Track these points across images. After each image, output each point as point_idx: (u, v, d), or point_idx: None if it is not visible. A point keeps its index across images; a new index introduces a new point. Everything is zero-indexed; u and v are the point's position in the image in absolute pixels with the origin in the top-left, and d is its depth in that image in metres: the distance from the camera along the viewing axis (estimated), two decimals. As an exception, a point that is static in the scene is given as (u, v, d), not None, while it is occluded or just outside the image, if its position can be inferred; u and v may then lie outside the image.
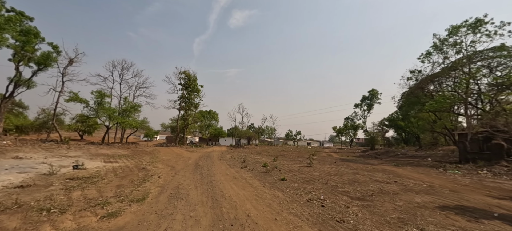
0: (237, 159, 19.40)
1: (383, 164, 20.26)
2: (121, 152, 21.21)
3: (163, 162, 15.81)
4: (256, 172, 12.11)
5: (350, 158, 27.53)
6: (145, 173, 10.99)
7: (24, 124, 32.90)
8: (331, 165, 17.30)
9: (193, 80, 39.62)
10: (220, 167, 13.88)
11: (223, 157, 21.81)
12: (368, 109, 53.23)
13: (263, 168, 13.75)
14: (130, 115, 30.11)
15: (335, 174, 12.74)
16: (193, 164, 15.38)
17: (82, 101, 26.44)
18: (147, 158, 17.52)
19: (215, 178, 10.15)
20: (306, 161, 19.99)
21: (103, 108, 27.31)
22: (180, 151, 26.92)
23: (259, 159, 20.23)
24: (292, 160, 20.62)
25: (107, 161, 14.59)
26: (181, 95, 39.37)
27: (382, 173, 13.70)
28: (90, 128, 39.04)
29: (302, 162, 19.12)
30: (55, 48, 25.37)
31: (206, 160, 18.35)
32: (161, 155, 21.05)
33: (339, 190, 8.73)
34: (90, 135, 50.76)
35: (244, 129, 58.63)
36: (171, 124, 52.25)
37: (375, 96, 50.99)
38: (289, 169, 14.20)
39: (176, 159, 18.19)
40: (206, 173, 11.52)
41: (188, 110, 40.13)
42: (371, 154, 39.39)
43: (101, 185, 8.04)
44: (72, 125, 39.06)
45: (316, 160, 21.68)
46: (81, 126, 40.20)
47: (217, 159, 19.47)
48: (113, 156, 17.72)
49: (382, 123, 60.23)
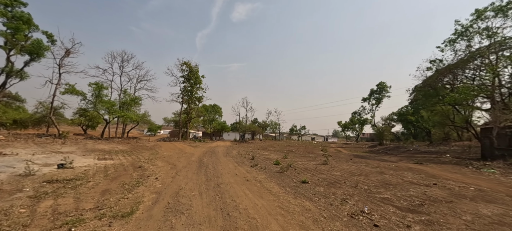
0: (244, 156, 17.75)
1: (401, 160, 18.47)
2: (120, 147, 19.70)
3: (164, 159, 14.21)
4: (270, 172, 10.41)
5: (363, 154, 25.76)
6: (140, 173, 9.36)
7: (22, 117, 31.60)
8: (348, 163, 15.56)
9: (194, 72, 37.82)
10: (227, 165, 12.22)
11: (228, 153, 20.19)
12: (376, 103, 51.08)
13: (276, 167, 12.06)
14: (130, 108, 28.49)
15: (359, 173, 11.02)
16: (197, 161, 13.76)
17: (78, 93, 24.86)
18: (146, 154, 15.96)
19: (223, 180, 8.47)
20: (319, 157, 18.28)
21: (101, 101, 25.74)
22: (182, 146, 25.37)
23: (267, 155, 18.57)
24: (303, 157, 18.93)
25: (101, 158, 13.03)
26: (183, 88, 37.69)
27: (411, 172, 11.97)
28: (93, 122, 37.76)
29: (315, 158, 17.40)
30: (50, 36, 23.72)
31: (210, 156, 16.73)
32: (162, 150, 19.50)
33: (377, 196, 7.02)
34: (93, 129, 49.71)
35: (248, 124, 56.98)
36: (174, 118, 50.79)
37: (384, 89, 48.75)
38: (304, 167, 12.49)
39: (178, 155, 16.61)
40: (212, 173, 9.85)
41: (191, 103, 38.46)
42: (380, 150, 37.55)
43: (82, 191, 6.41)
44: (75, 119, 37.74)
45: (330, 156, 19.97)
46: (84, 120, 38.91)
47: (223, 155, 17.85)
48: (110, 152, 16.18)
49: (390, 117, 58.18)
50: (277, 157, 17.19)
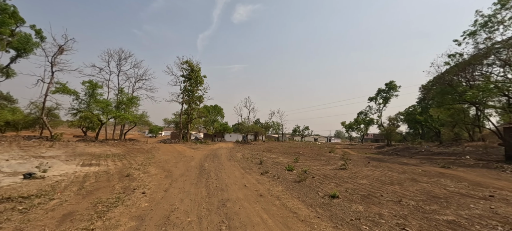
0: (250, 159, 15.84)
1: (423, 164, 16.44)
2: (113, 150, 17.85)
3: (159, 164, 12.33)
4: (285, 182, 8.49)
5: (376, 156, 23.74)
6: (126, 184, 7.49)
7: (15, 119, 29.87)
8: (368, 167, 13.61)
9: (196, 71, 35.94)
10: (233, 173, 10.31)
11: (232, 156, 18.29)
12: (384, 103, 48.98)
13: (291, 174, 10.15)
14: (127, 108, 26.60)
15: (389, 182, 9.10)
16: (197, 167, 11.87)
17: (71, 92, 23.03)
18: (140, 159, 14.09)
19: (230, 194, 6.57)
20: (333, 160, 16.33)
21: (96, 100, 23.92)
22: (182, 149, 23.49)
23: (275, 159, 16.65)
24: (315, 160, 16.99)
25: (86, 164, 11.18)
26: (183, 88, 35.79)
27: (448, 179, 10.09)
28: (93, 124, 35.92)
29: (329, 162, 15.45)
30: (38, 32, 21.99)
31: (213, 160, 14.83)
32: (159, 154, 17.64)
33: (438, 218, 5.14)
34: (94, 131, 47.71)
35: (251, 124, 55.07)
36: (174, 119, 48.96)
37: (393, 88, 46.66)
38: (322, 174, 10.57)
39: (176, 159, 14.73)
40: (215, 184, 7.96)
41: (192, 103, 36.56)
42: (389, 151, 35.52)
43: (35, 216, 4.54)
44: (75, 121, 35.98)
45: (341, 158, 17.98)
46: (84, 122, 37.08)
47: (226, 159, 15.95)
48: (99, 156, 14.33)
49: (396, 117, 56.03)
50: (287, 161, 15.29)
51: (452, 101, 27.27)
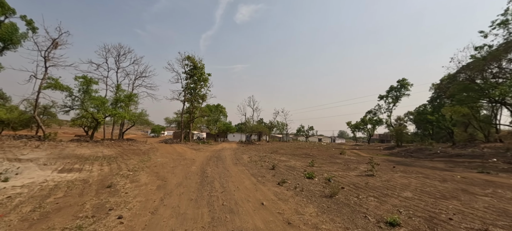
0: (259, 163, 13.85)
1: (454, 168, 14.24)
2: (105, 152, 16.01)
3: (154, 169, 10.41)
4: (313, 197, 6.45)
5: (397, 159, 21.54)
6: (102, 201, 5.55)
7: (10, 118, 28.29)
8: (397, 173, 11.55)
9: (199, 68, 34.01)
10: (243, 182, 8.33)
11: (238, 158, 16.32)
12: (394, 102, 46.59)
13: (314, 184, 8.14)
14: (126, 106, 24.74)
15: (440, 195, 7.08)
16: (198, 173, 9.92)
17: (63, 88, 21.25)
18: (133, 162, 12.19)
19: (244, 222, 4.55)
20: (352, 164, 14.27)
21: (91, 97, 22.14)
22: (183, 150, 21.59)
23: (287, 162, 14.64)
24: (331, 163, 14.93)
25: (66, 170, 9.31)
26: (185, 85, 33.91)
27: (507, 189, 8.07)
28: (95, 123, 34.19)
29: (348, 166, 13.39)
30: (29, 23, 20.28)
31: (216, 164, 12.88)
32: (157, 156, 15.74)
33: None
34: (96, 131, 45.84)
35: (254, 124, 53.14)
36: (176, 118, 47.15)
37: (405, 87, 44.25)
38: (350, 182, 8.56)
39: (174, 162, 12.81)
40: (221, 200, 5.97)
41: (194, 102, 34.66)
42: (401, 152, 33.24)
43: None
44: (77, 120, 34.37)
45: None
46: (86, 121, 35.32)
47: (232, 162, 13.97)
48: (88, 159, 12.47)
49: (406, 117, 53.56)
50: (302, 165, 13.27)
51: (476, 98, 25.02)
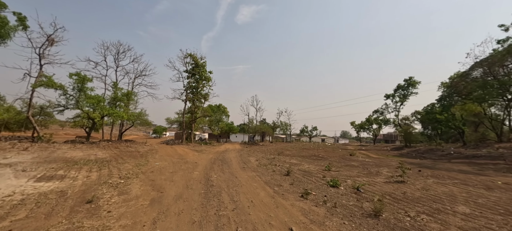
0: (269, 167, 12.30)
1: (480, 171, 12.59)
2: (100, 154, 14.54)
3: (150, 176, 8.91)
4: (354, 217, 4.87)
5: (416, 161, 19.88)
6: (76, 223, 4.03)
7: (5, 118, 26.97)
8: (429, 179, 9.95)
9: (201, 66, 32.54)
10: (257, 194, 6.78)
11: (245, 161, 14.77)
12: (401, 101, 44.86)
13: (343, 195, 6.58)
14: (124, 106, 23.24)
15: (503, 210, 5.48)
16: (201, 181, 8.40)
17: (56, 86, 19.87)
18: (128, 166, 10.70)
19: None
20: (372, 168, 12.68)
21: (87, 96, 20.70)
22: (184, 152, 20.09)
23: (300, 166, 13.08)
24: (348, 166, 13.35)
25: (45, 177, 7.83)
26: (187, 84, 32.45)
27: None
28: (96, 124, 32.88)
29: (369, 170, 11.81)
30: (21, 20, 18.98)
31: (222, 168, 11.35)
32: (156, 159, 14.24)
33: None
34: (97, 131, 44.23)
35: (258, 124, 51.59)
36: (177, 118, 45.73)
37: (413, 85, 42.53)
38: (385, 193, 6.99)
39: (174, 167, 11.30)
40: (234, 223, 4.43)
41: (196, 101, 33.18)
42: (411, 153, 31.54)
43: None
44: (78, 121, 33.09)
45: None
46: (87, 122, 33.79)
47: (239, 166, 12.43)
48: (77, 163, 10.99)
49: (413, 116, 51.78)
50: (317, 169, 11.72)
51: (497, 95, 23.32)
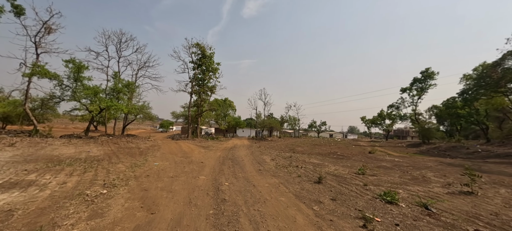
0: (290, 169, 10.18)
1: None
2: (94, 151, 12.73)
3: (143, 182, 6.94)
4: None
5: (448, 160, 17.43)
6: None
7: (6, 111, 25.73)
8: (500, 187, 7.64)
9: (208, 57, 30.39)
10: (294, 220, 4.67)
11: (259, 161, 12.70)
12: (418, 95, 41.75)
13: (412, 217, 4.43)
14: (122, 97, 21.33)
15: None
16: (209, 191, 6.36)
17: (50, 75, 18.07)
18: (120, 168, 8.79)
19: None
20: (414, 171, 10.41)
21: (84, 87, 18.89)
22: (189, 148, 18.18)
23: (325, 167, 10.93)
24: (379, 168, 11.12)
25: (6, 184, 5.95)
26: (192, 76, 30.43)
27: None
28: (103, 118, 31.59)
29: (411, 174, 9.55)
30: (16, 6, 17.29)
31: (233, 171, 9.32)
32: (156, 157, 12.33)
33: None
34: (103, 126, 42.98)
35: (266, 119, 49.40)
36: (183, 112, 44.01)
37: (431, 77, 39.32)
38: (462, 212, 4.76)
39: (176, 168, 9.32)
40: None
41: (203, 94, 31.19)
42: (432, 150, 28.87)
43: None
44: (86, 115, 31.79)
45: (407, 165, 11.89)
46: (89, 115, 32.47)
47: (254, 168, 10.34)
48: (61, 162, 9.15)
49: (430, 111, 48.61)
50: (347, 172, 9.56)
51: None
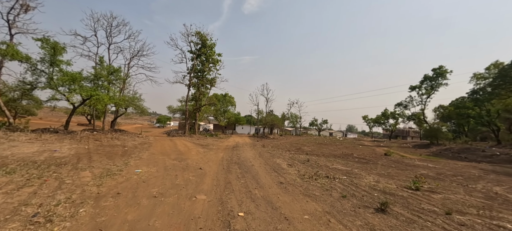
0: (319, 180, 7.56)
1: None
2: (64, 150, 9.98)
3: (104, 208, 4.27)
4: None
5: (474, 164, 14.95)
6: None
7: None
8: None
9: (209, 46, 27.55)
10: None
11: (274, 167, 10.06)
12: (428, 93, 39.47)
13: None
14: (107, 85, 18.15)
15: None
16: (213, 227, 3.71)
17: (21, 57, 14.92)
18: (84, 179, 6.10)
19: None
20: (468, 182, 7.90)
21: (63, 73, 15.81)
22: (186, 147, 15.46)
23: (354, 175, 8.37)
24: (431, 179, 8.61)
25: None
26: (191, 67, 27.61)
27: None
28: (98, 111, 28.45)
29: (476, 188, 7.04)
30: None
31: (246, 186, 6.67)
32: (142, 160, 9.61)
33: None
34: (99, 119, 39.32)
35: (269, 116, 46.78)
36: (180, 107, 41.13)
37: (442, 75, 36.92)
38: None
39: (163, 180, 6.63)
40: None
41: (201, 87, 28.39)
42: (443, 151, 26.63)
43: None
44: (79, 108, 28.89)
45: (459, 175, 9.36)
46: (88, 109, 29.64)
47: (274, 182, 7.70)
48: (4, 166, 6.44)
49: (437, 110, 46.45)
50: (398, 186, 7.00)
51: None
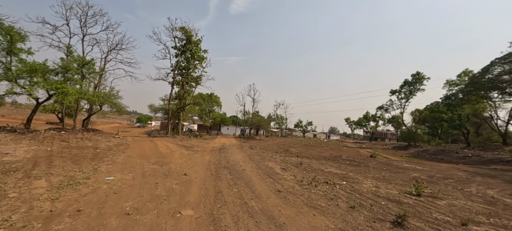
0: (320, 187, 6.87)
1: None
2: (19, 152, 8.33)
3: (62, 228, 3.19)
4: None
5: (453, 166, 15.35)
6: None
7: None
8: None
9: (194, 43, 26.19)
10: None
11: (268, 172, 9.26)
12: (406, 98, 41.28)
13: None
14: (76, 79, 15.90)
15: None
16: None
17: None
18: (37, 190, 4.85)
19: None
20: (469, 186, 7.75)
21: (25, 63, 13.60)
22: (168, 149, 14.13)
23: (352, 181, 7.85)
24: (426, 181, 8.36)
25: None
26: (175, 64, 26.01)
27: None
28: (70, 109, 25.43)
29: (471, 191, 6.83)
30: None
31: (240, 197, 5.77)
32: (116, 164, 8.32)
33: None
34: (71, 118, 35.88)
35: (256, 117, 46.08)
36: (163, 106, 38.95)
37: (420, 81, 38.77)
38: None
39: (141, 188, 5.54)
40: None
41: (186, 85, 26.90)
42: (421, 153, 27.82)
43: None
44: (48, 105, 25.73)
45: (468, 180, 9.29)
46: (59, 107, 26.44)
47: (271, 190, 6.87)
48: None
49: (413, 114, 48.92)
50: (399, 192, 6.56)
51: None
